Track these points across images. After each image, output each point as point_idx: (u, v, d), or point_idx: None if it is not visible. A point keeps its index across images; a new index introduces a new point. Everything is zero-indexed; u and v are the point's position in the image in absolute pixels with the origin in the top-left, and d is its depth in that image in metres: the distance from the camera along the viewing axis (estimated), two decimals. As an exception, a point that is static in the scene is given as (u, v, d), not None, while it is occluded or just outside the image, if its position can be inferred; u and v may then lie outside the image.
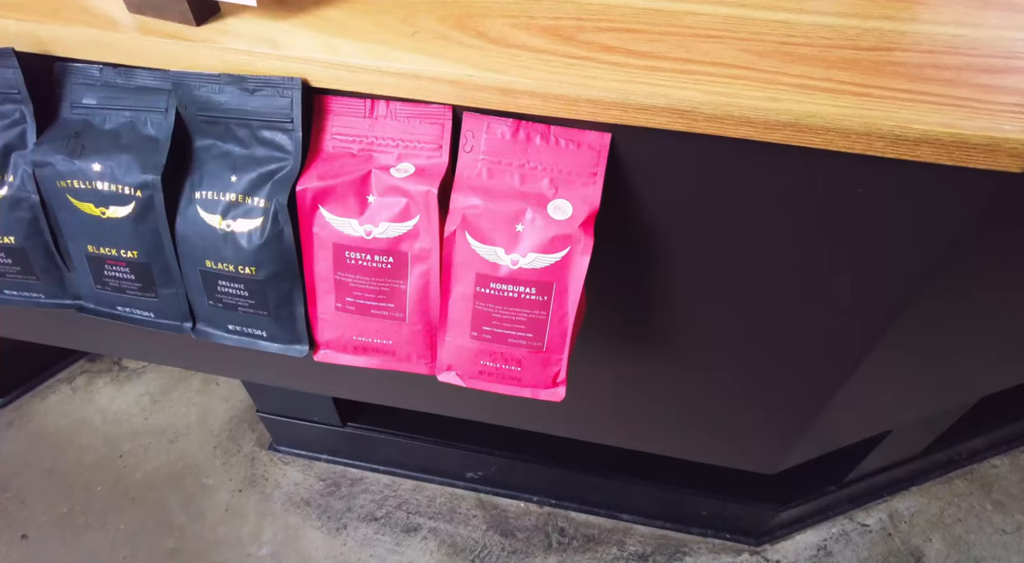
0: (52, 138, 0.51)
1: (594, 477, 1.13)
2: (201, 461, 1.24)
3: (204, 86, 0.48)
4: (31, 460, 1.24)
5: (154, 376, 1.37)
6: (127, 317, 0.57)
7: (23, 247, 0.54)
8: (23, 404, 1.32)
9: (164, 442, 1.27)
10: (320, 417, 1.11)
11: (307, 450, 1.23)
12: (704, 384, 0.67)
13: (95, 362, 1.39)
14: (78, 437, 1.27)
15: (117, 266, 0.53)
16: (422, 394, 0.78)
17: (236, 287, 0.52)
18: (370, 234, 0.49)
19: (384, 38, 0.48)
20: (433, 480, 1.19)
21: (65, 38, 0.50)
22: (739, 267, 0.53)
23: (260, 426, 1.28)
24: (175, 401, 1.33)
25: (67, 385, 1.35)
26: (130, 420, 1.30)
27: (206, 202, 0.50)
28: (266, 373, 0.85)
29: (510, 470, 1.15)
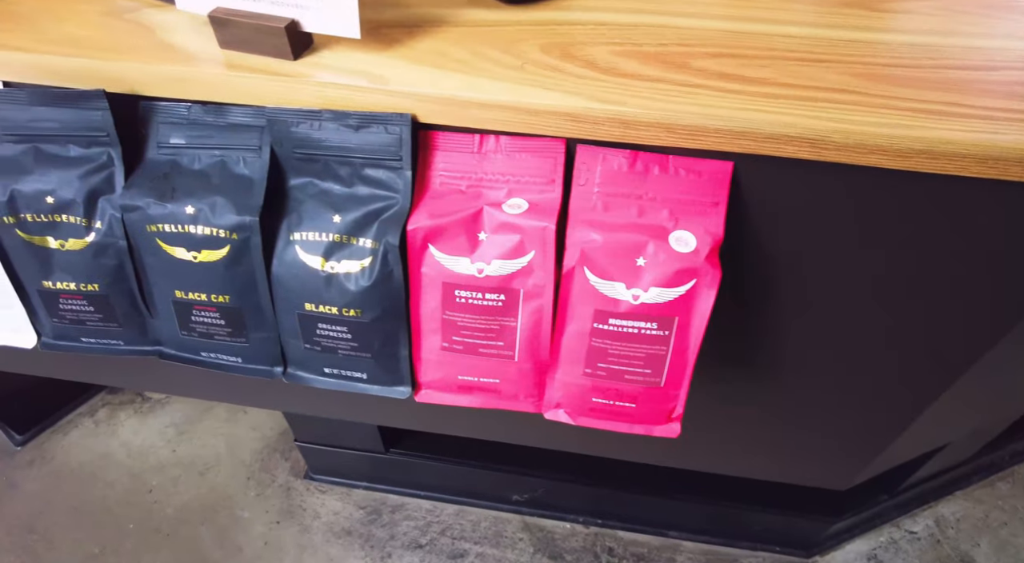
0: (140, 181, 0.49)
1: (640, 495, 1.12)
2: (234, 493, 1.21)
3: (302, 123, 0.47)
4: (56, 498, 1.20)
5: (178, 406, 1.33)
6: (211, 363, 0.54)
7: (106, 294, 0.51)
8: (44, 441, 1.27)
9: (194, 475, 1.23)
10: (363, 444, 1.09)
11: (345, 477, 1.20)
12: (795, 408, 0.66)
13: (116, 394, 1.35)
14: (103, 473, 1.23)
15: (206, 311, 0.51)
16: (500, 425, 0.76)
17: (338, 330, 0.50)
18: (482, 272, 0.47)
19: (491, 70, 0.47)
20: (476, 504, 1.17)
21: (153, 77, 0.48)
22: (856, 294, 0.52)
23: (293, 454, 1.25)
24: (202, 432, 1.29)
25: (89, 419, 1.31)
26: (156, 453, 1.26)
27: (306, 243, 0.48)
28: (318, 406, 0.83)
29: (556, 491, 1.14)
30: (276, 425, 1.30)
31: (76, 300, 0.52)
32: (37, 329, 0.56)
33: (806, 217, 0.48)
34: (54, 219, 0.49)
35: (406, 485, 1.20)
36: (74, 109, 0.47)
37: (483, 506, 1.18)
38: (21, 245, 0.50)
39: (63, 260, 0.50)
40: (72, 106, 0.47)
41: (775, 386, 0.64)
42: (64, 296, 0.52)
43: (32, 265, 0.51)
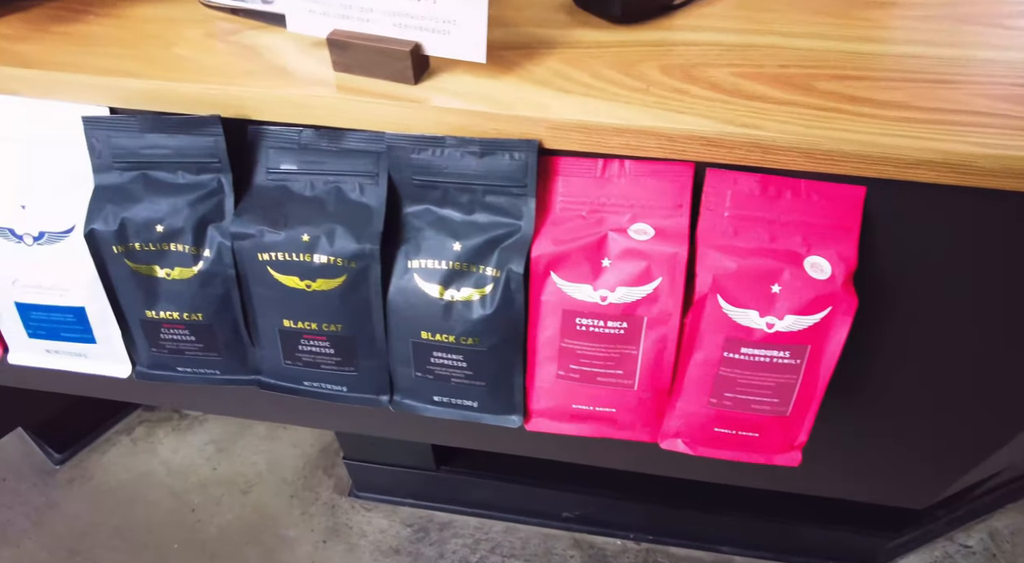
0: (250, 208, 0.48)
1: (692, 510, 1.11)
2: (278, 512, 1.19)
3: (424, 149, 0.45)
4: (98, 519, 1.18)
5: (217, 424, 1.31)
6: (314, 392, 0.53)
7: (210, 323, 0.50)
8: (83, 459, 1.26)
9: (236, 493, 1.22)
10: (414, 462, 1.08)
11: (390, 495, 1.18)
12: (890, 429, 0.64)
13: (153, 411, 1.33)
14: (145, 492, 1.21)
15: (315, 341, 0.50)
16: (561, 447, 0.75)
17: (454, 358, 0.49)
18: (605, 299, 0.46)
19: (616, 93, 0.46)
20: (525, 521, 1.16)
21: (269, 102, 0.47)
22: (985, 319, 0.51)
23: (336, 471, 1.24)
24: (242, 449, 1.27)
25: (127, 437, 1.29)
26: (197, 471, 1.25)
27: (425, 271, 0.47)
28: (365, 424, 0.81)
29: (606, 507, 1.12)
30: (316, 441, 1.29)
31: (178, 329, 0.51)
32: (133, 358, 0.55)
33: (940, 241, 0.47)
34: (162, 248, 0.48)
35: (453, 502, 1.18)
36: (187, 135, 0.46)
37: (532, 523, 1.17)
38: (128, 275, 0.49)
39: (169, 289, 0.49)
40: (185, 132, 0.46)
41: (873, 408, 0.62)
42: (166, 325, 0.51)
43: (137, 294, 0.50)
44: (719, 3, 0.57)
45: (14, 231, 0.49)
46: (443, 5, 0.43)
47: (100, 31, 0.52)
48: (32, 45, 0.50)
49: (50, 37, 0.51)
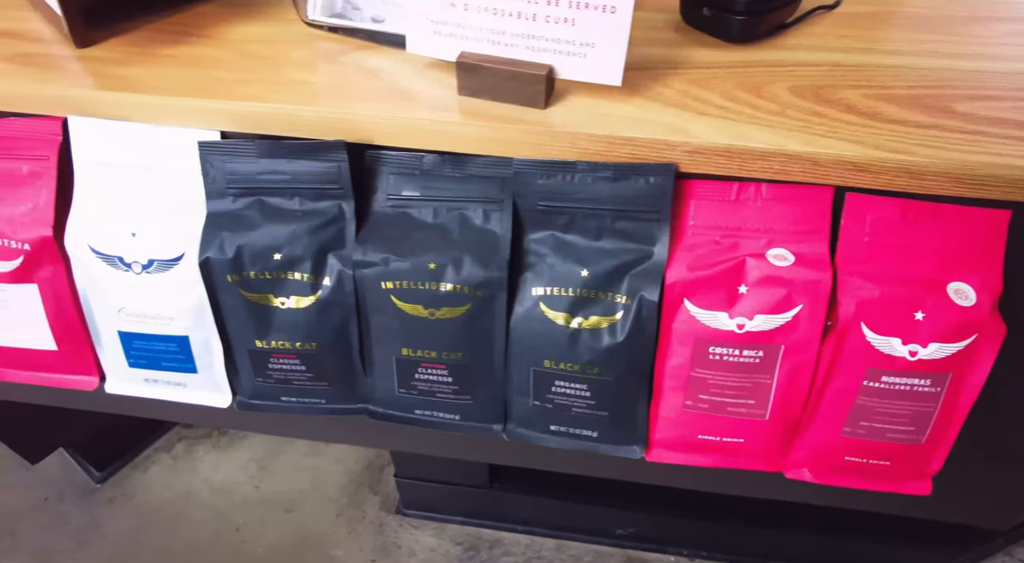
0: (372, 235, 0.46)
1: (745, 526, 1.09)
2: (325, 531, 1.17)
3: (553, 174, 0.44)
4: (142, 539, 1.16)
5: (256, 441, 1.29)
6: (424, 420, 0.52)
7: (323, 353, 0.49)
8: (123, 478, 1.23)
9: (280, 512, 1.20)
10: (468, 479, 1.06)
11: (439, 512, 1.17)
12: (988, 449, 0.63)
13: (192, 428, 1.31)
14: (188, 511, 1.19)
15: (434, 369, 0.48)
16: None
17: (577, 388, 0.47)
18: (742, 327, 0.45)
19: (752, 115, 0.45)
20: (576, 538, 1.14)
21: (391, 126, 0.45)
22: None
23: (382, 488, 1.22)
24: (284, 466, 1.25)
25: (166, 454, 1.27)
26: (239, 490, 1.23)
27: (550, 298, 0.46)
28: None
29: (659, 525, 1.11)
30: (360, 458, 1.27)
31: (288, 359, 0.49)
32: (234, 388, 0.54)
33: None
34: (280, 276, 0.47)
35: (502, 519, 1.16)
36: (308, 161, 0.45)
37: (583, 540, 1.15)
38: (240, 304, 0.48)
39: (283, 319, 0.48)
40: (307, 158, 0.45)
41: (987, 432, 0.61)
42: (276, 355, 0.49)
43: (248, 324, 0.48)
44: (820, 22, 0.56)
45: (123, 259, 0.48)
46: (583, 28, 0.42)
47: (205, 53, 0.51)
48: (140, 69, 0.49)
49: (157, 61, 0.50)
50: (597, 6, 0.41)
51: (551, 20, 0.42)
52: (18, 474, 1.24)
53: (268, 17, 0.55)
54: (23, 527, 1.16)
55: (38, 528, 1.16)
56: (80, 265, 0.49)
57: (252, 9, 0.57)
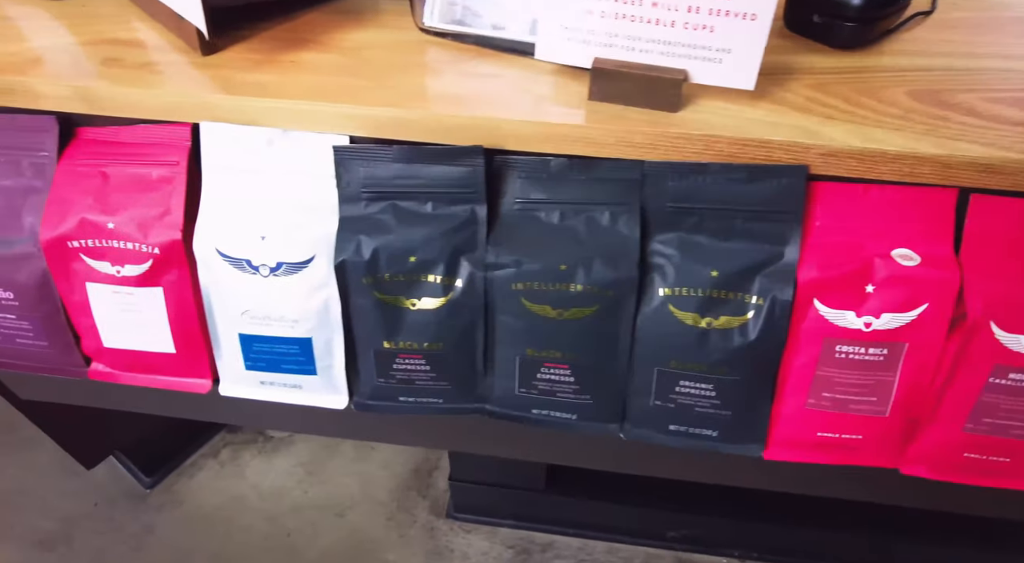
0: (503, 238, 0.47)
1: (800, 527, 1.10)
2: (376, 535, 1.17)
3: (684, 176, 0.45)
4: (194, 545, 1.16)
5: (304, 445, 1.30)
6: (540, 419, 0.52)
7: (449, 353, 0.49)
8: (172, 483, 1.24)
9: (331, 517, 1.20)
10: (524, 482, 1.06)
11: (490, 516, 1.17)
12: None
13: (237, 433, 1.31)
14: (238, 517, 1.20)
15: (556, 369, 0.49)
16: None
17: (702, 387, 0.48)
18: (869, 326, 0.46)
19: (876, 119, 0.45)
20: (628, 540, 1.15)
21: (523, 130, 0.46)
22: None
23: (431, 492, 1.22)
24: (332, 471, 1.26)
25: (213, 460, 1.27)
26: (289, 495, 1.23)
27: (679, 299, 0.47)
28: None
29: (711, 526, 1.12)
30: (408, 461, 1.27)
31: (414, 359, 0.50)
32: (352, 389, 0.54)
33: None
34: (413, 278, 0.47)
35: (554, 522, 1.17)
36: (444, 165, 0.46)
37: (635, 543, 1.15)
38: (371, 306, 0.48)
39: (413, 320, 0.48)
40: (444, 162, 0.46)
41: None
42: (402, 355, 0.50)
43: (377, 325, 0.49)
44: (920, 28, 0.57)
45: (251, 262, 0.49)
46: (721, 34, 0.43)
47: (327, 59, 0.52)
48: (267, 75, 0.50)
49: (281, 67, 0.51)
50: (738, 13, 0.42)
51: (689, 27, 0.43)
52: (67, 480, 1.24)
53: (379, 23, 0.56)
54: (77, 533, 1.16)
55: (92, 534, 1.16)
56: (206, 268, 0.50)
57: (360, 16, 0.58)
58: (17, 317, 0.53)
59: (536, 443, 0.64)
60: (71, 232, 0.49)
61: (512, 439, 0.64)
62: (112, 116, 0.51)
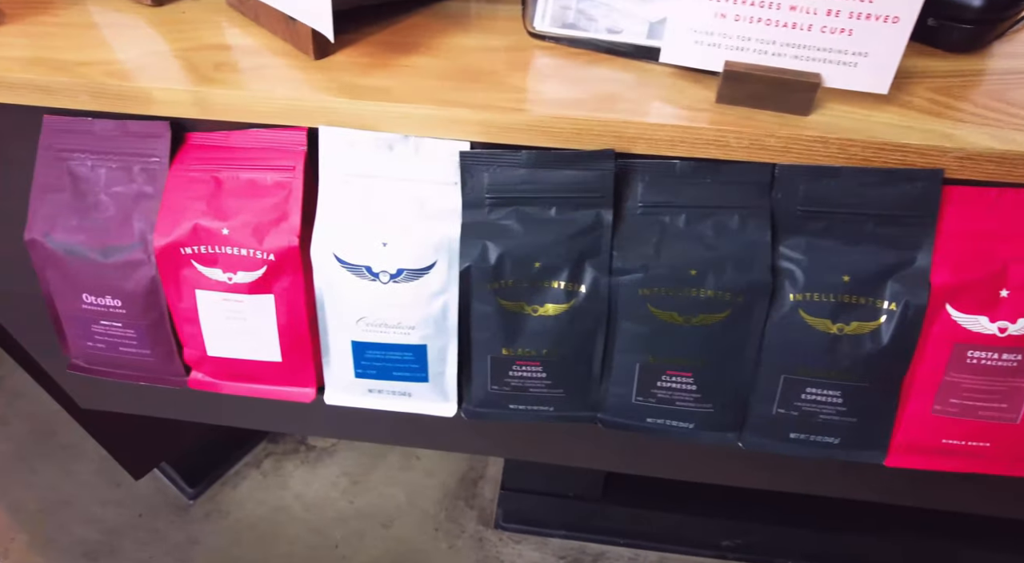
0: (628, 242, 0.46)
1: (855, 535, 1.09)
2: (424, 546, 1.16)
3: (815, 179, 0.45)
4: (241, 555, 1.14)
5: (346, 454, 1.28)
6: (654, 428, 0.52)
7: (566, 360, 0.49)
8: (215, 494, 1.22)
9: (377, 527, 1.19)
10: (579, 491, 1.06)
11: (540, 526, 1.16)
12: None
13: (279, 443, 1.30)
14: (283, 528, 1.18)
15: (678, 377, 0.48)
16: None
17: (829, 395, 0.47)
18: (1004, 331, 0.45)
19: (1008, 122, 0.45)
20: (680, 550, 1.14)
21: (655, 134, 0.46)
22: None
23: (478, 502, 1.21)
24: (377, 481, 1.25)
25: (255, 470, 1.26)
26: (334, 505, 1.22)
27: (810, 304, 0.46)
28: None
29: (766, 536, 1.11)
30: (454, 470, 1.26)
31: (531, 366, 0.49)
32: (462, 396, 0.54)
33: None
34: (537, 284, 0.47)
35: (605, 532, 1.16)
36: (573, 170, 0.45)
37: (688, 552, 1.14)
38: (493, 312, 0.48)
39: (534, 326, 0.48)
40: (573, 167, 0.45)
41: None
42: (520, 362, 0.49)
43: (497, 332, 0.48)
44: (1023, 30, 0.57)
45: (371, 269, 0.48)
46: (859, 38, 0.43)
47: (439, 64, 0.51)
48: (384, 79, 0.49)
49: (397, 71, 0.50)
50: (879, 16, 0.42)
51: (827, 30, 0.43)
52: (109, 490, 1.23)
53: (483, 28, 0.56)
54: (122, 544, 1.14)
55: (137, 545, 1.15)
56: (323, 275, 0.49)
57: (462, 20, 0.57)
58: (123, 325, 0.52)
59: (643, 455, 0.64)
60: (184, 238, 0.49)
61: (623, 452, 0.64)
62: (223, 120, 0.50)
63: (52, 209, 0.51)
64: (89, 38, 0.56)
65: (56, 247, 0.51)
